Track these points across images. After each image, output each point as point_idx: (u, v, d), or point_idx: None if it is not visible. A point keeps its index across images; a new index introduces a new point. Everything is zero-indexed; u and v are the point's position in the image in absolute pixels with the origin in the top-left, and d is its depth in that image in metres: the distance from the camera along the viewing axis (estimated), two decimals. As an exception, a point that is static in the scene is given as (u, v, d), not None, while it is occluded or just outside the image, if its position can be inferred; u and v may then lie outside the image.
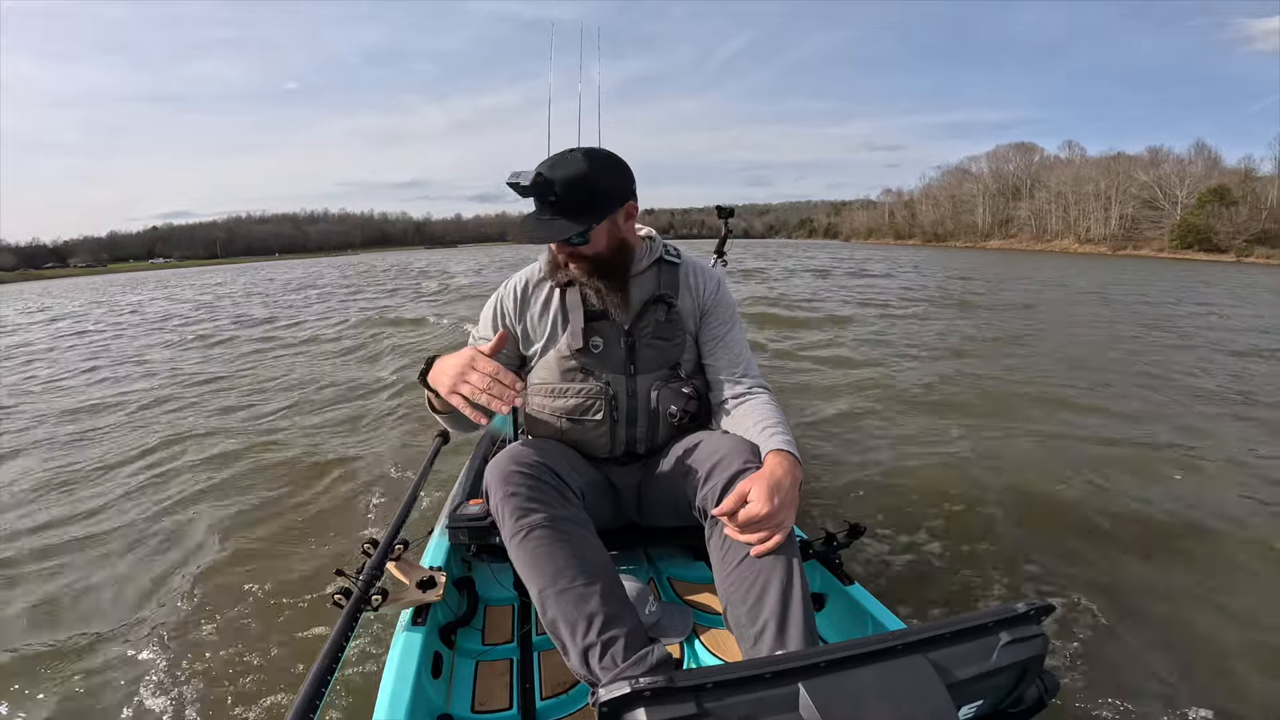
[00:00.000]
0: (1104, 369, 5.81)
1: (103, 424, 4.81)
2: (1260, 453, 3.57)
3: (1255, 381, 5.38)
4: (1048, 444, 3.70)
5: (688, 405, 1.35)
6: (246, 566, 2.46)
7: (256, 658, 1.93)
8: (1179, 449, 3.62)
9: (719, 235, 2.55)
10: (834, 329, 8.47)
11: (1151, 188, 53.20)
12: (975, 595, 2.20)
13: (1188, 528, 2.65)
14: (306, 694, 0.88)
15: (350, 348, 7.91)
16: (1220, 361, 6.29)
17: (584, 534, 1.12)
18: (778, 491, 1.06)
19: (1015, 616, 0.77)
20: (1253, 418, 4.26)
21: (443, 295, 15.27)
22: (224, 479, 3.41)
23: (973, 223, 71.14)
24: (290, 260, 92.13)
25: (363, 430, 4.29)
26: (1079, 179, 59.38)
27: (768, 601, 1.03)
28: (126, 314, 15.76)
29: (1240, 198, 44.93)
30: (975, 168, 74.88)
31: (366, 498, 3.09)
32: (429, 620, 1.28)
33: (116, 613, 2.25)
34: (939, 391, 4.98)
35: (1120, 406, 4.51)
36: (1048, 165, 66.56)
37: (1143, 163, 56.71)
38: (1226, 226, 44.39)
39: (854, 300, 12.22)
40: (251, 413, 4.89)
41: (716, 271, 1.48)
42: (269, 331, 10.13)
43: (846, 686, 0.67)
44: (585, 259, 1.27)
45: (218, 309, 15.10)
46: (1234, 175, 49.61)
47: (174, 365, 7.36)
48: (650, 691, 0.64)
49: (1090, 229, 56.98)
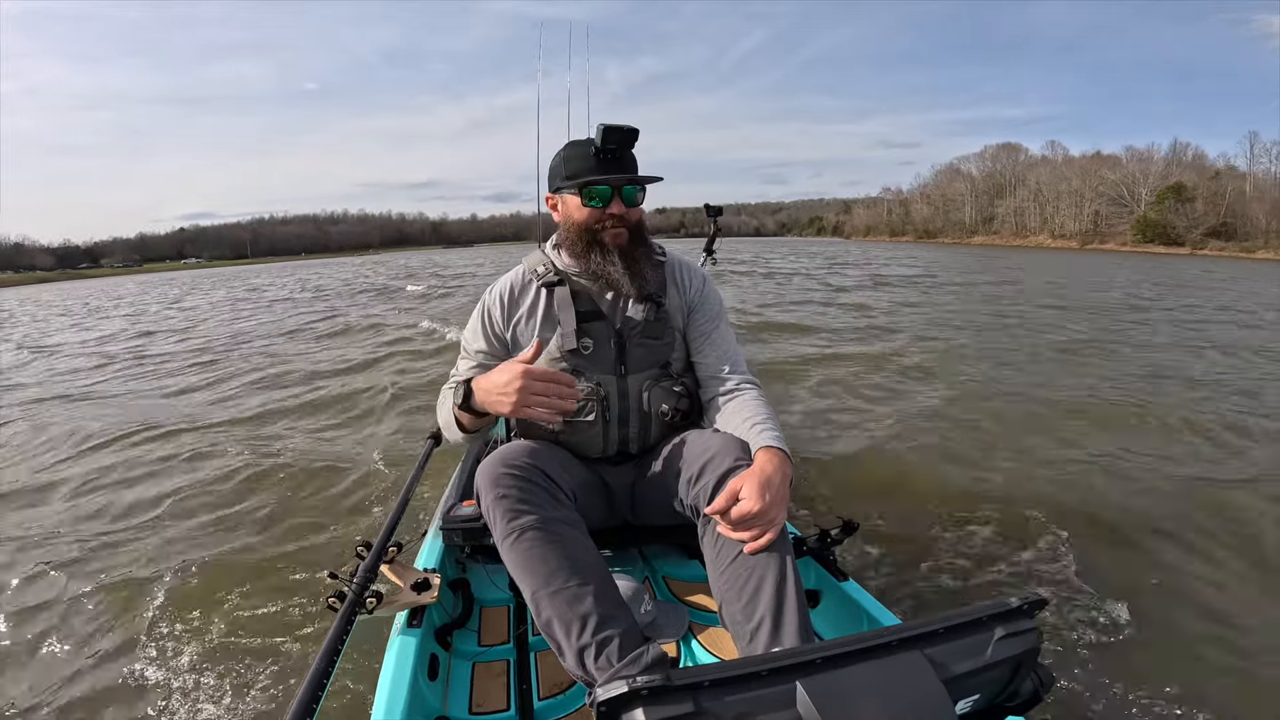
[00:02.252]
0: (1091, 366, 5.88)
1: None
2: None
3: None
4: (1040, 440, 3.73)
5: (679, 403, 1.35)
6: (237, 571, 2.43)
7: (250, 664, 1.91)
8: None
9: (712, 233, 2.56)
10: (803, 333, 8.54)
11: (1118, 186, 57.10)
12: (970, 589, 2.21)
13: (1182, 522, 2.68)
14: (303, 699, 0.87)
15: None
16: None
17: (575, 535, 1.12)
18: (769, 488, 1.07)
19: (1009, 611, 0.78)
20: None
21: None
22: (208, 480, 3.38)
23: (960, 220, 74.43)
24: (316, 260, 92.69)
25: (354, 431, 4.26)
26: (1055, 178, 63.35)
27: (762, 598, 1.03)
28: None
29: (1197, 194, 48.81)
30: (965, 167, 78.38)
31: (358, 500, 3.07)
32: (424, 622, 1.28)
33: (100, 619, 2.22)
34: (929, 388, 5.01)
35: (1109, 399, 4.56)
36: (1031, 165, 70.06)
37: (1111, 162, 60.76)
38: (1182, 221, 48.24)
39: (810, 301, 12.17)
40: (236, 412, 4.86)
41: (702, 269, 1.49)
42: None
43: (843, 683, 0.67)
44: (626, 226, 1.30)
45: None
46: (1205, 172, 52.81)
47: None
48: (647, 690, 0.64)
49: (1063, 225, 61.02)
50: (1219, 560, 2.39)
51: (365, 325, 10.11)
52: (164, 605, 2.26)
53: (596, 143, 1.26)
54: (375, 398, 5.13)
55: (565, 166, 1.31)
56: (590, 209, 1.29)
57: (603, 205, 1.28)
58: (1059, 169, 64.80)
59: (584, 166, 1.28)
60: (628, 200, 1.29)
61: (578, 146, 1.31)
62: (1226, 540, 2.52)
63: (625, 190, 1.29)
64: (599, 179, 1.27)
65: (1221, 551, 2.44)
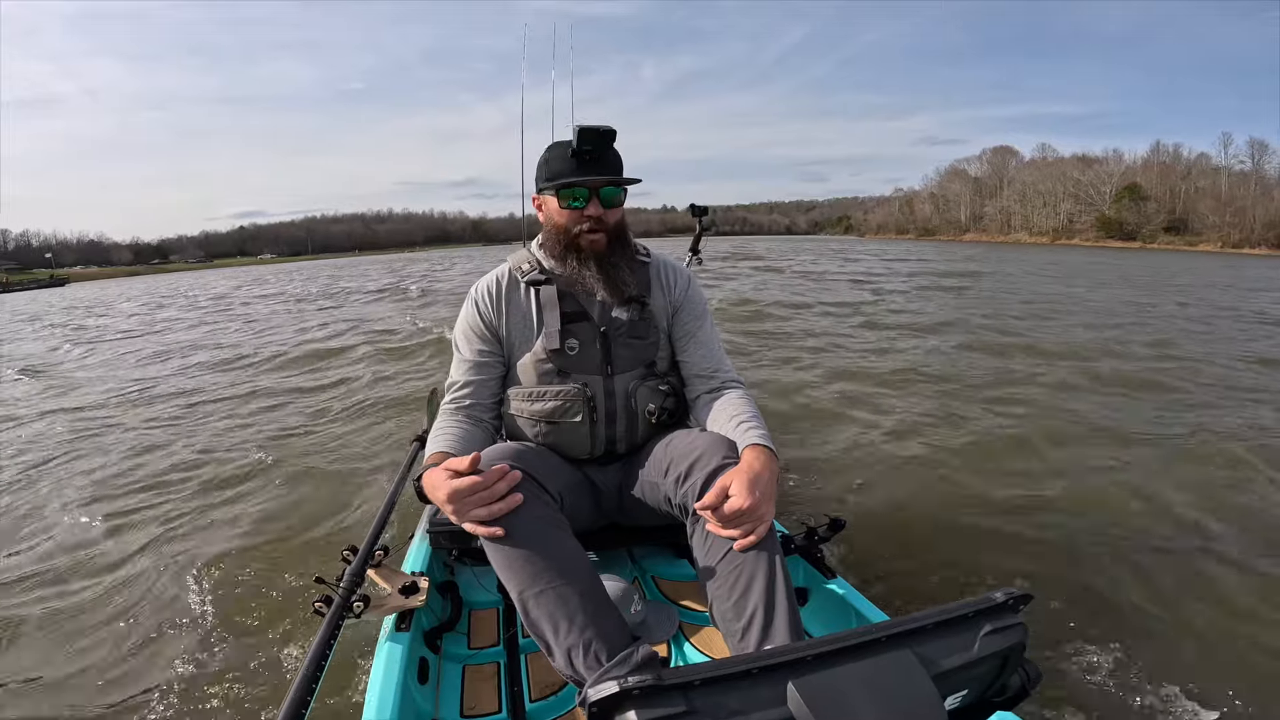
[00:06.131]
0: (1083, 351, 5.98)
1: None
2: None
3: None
4: (1031, 437, 3.78)
5: (665, 403, 1.36)
6: (221, 576, 2.40)
7: (237, 671, 1.88)
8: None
9: (697, 233, 2.56)
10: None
11: (1086, 187, 64.38)
12: (956, 585, 2.23)
13: (1177, 519, 2.73)
14: (290, 706, 0.86)
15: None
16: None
17: (561, 535, 1.12)
18: (757, 485, 1.07)
19: (995, 606, 0.78)
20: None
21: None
22: (188, 485, 3.33)
23: (956, 218, 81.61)
24: (368, 256, 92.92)
25: (338, 433, 4.22)
26: (1038, 178, 70.47)
27: (752, 595, 1.04)
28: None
29: (1150, 194, 56.65)
30: (966, 169, 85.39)
31: (343, 503, 3.03)
32: (413, 626, 1.27)
33: (80, 620, 2.19)
34: (916, 385, 5.05)
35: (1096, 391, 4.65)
36: (1022, 167, 77.11)
37: (1087, 163, 68.05)
38: (1135, 218, 55.81)
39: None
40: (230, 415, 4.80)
41: (686, 268, 1.49)
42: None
43: (834, 680, 0.67)
44: (604, 229, 1.30)
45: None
46: (1176, 172, 59.17)
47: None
48: (639, 690, 0.63)
49: (1039, 223, 69.11)
50: (1204, 548, 2.43)
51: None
52: (145, 611, 2.22)
53: (574, 144, 1.25)
54: (358, 395, 5.10)
55: (546, 168, 1.31)
56: (569, 210, 1.29)
57: (581, 206, 1.28)
58: (1043, 170, 71.14)
59: (563, 168, 1.28)
60: (606, 201, 1.29)
61: (557, 148, 1.30)
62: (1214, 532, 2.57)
63: (604, 191, 1.28)
64: (574, 180, 1.26)
65: (1210, 541, 2.49)
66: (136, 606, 2.27)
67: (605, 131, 1.25)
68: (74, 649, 2.07)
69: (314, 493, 3.18)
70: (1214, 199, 52.95)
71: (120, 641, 2.08)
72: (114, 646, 2.06)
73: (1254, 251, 45.90)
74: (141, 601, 2.29)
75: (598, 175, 1.27)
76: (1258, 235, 48.40)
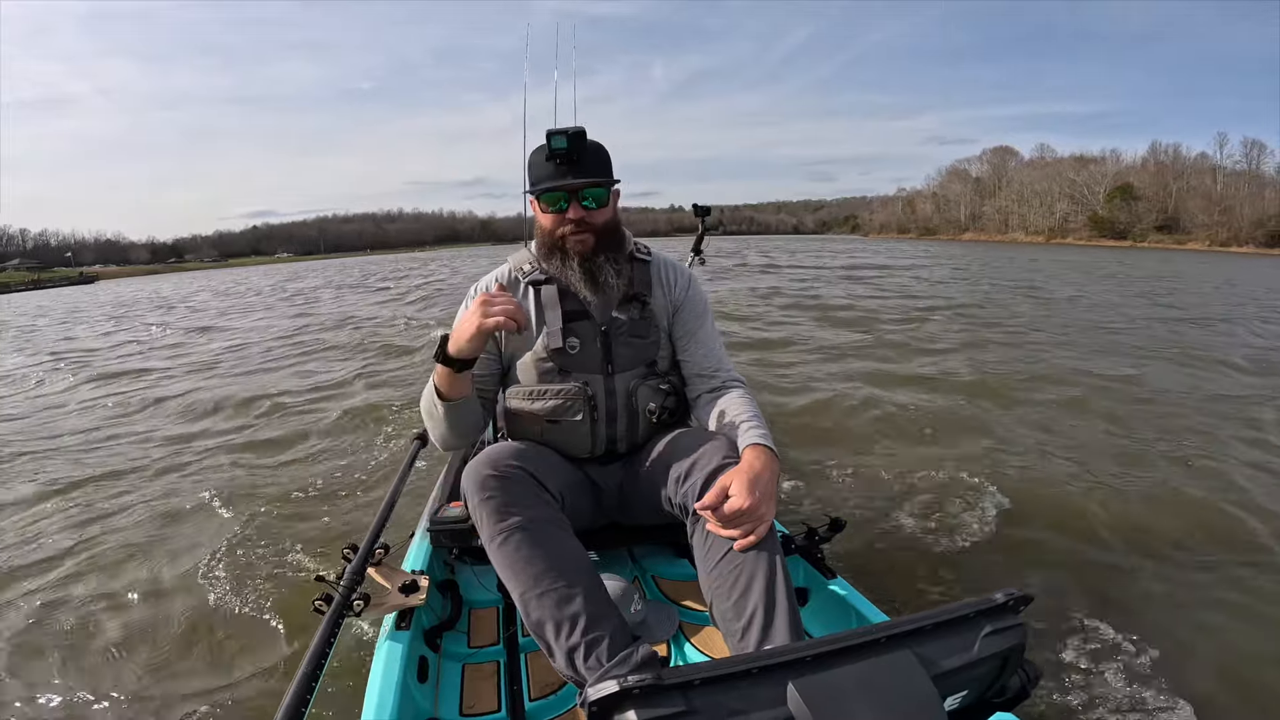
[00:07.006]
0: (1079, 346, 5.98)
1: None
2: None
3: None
4: (1026, 435, 3.77)
5: (666, 402, 1.36)
6: (220, 573, 2.40)
7: (236, 669, 1.88)
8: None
9: (700, 233, 2.56)
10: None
11: (1080, 187, 65.41)
12: (955, 585, 2.23)
13: (1175, 521, 2.72)
14: (290, 704, 0.86)
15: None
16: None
17: (562, 535, 1.12)
18: (758, 484, 1.07)
19: (995, 607, 0.78)
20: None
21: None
22: (187, 482, 3.34)
23: (955, 218, 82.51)
24: (379, 255, 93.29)
25: (338, 432, 4.22)
26: (1035, 179, 71.50)
27: (753, 595, 1.04)
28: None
29: (1142, 194, 57.73)
30: (967, 169, 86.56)
31: (343, 501, 3.03)
32: (413, 624, 1.27)
33: (82, 613, 2.18)
34: (916, 385, 5.05)
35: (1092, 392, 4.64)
36: (1020, 167, 78.09)
37: (1084, 163, 69.21)
38: (1126, 218, 58.21)
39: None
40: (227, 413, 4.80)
41: (687, 268, 1.49)
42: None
43: (834, 680, 0.67)
44: (591, 230, 1.29)
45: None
46: (1169, 172, 60.62)
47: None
48: (639, 689, 0.63)
49: (1035, 222, 69.63)
50: (1205, 542, 2.43)
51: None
52: (144, 608, 2.22)
53: (547, 148, 1.25)
54: (359, 396, 5.10)
55: (530, 173, 1.31)
56: (552, 214, 1.30)
57: (563, 209, 1.29)
58: (1041, 170, 72.09)
59: (541, 173, 1.27)
60: (587, 203, 1.28)
61: (538, 153, 1.29)
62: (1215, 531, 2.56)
63: (585, 193, 1.28)
64: (549, 186, 1.26)
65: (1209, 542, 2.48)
66: (136, 605, 2.27)
67: (574, 134, 1.24)
68: (72, 647, 2.06)
69: (310, 492, 3.19)
70: (1204, 198, 53.80)
71: (118, 640, 2.08)
72: (111, 645, 2.06)
73: (1240, 250, 46.23)
74: (141, 600, 2.30)
75: (573, 179, 1.26)
76: (1245, 234, 48.76)
